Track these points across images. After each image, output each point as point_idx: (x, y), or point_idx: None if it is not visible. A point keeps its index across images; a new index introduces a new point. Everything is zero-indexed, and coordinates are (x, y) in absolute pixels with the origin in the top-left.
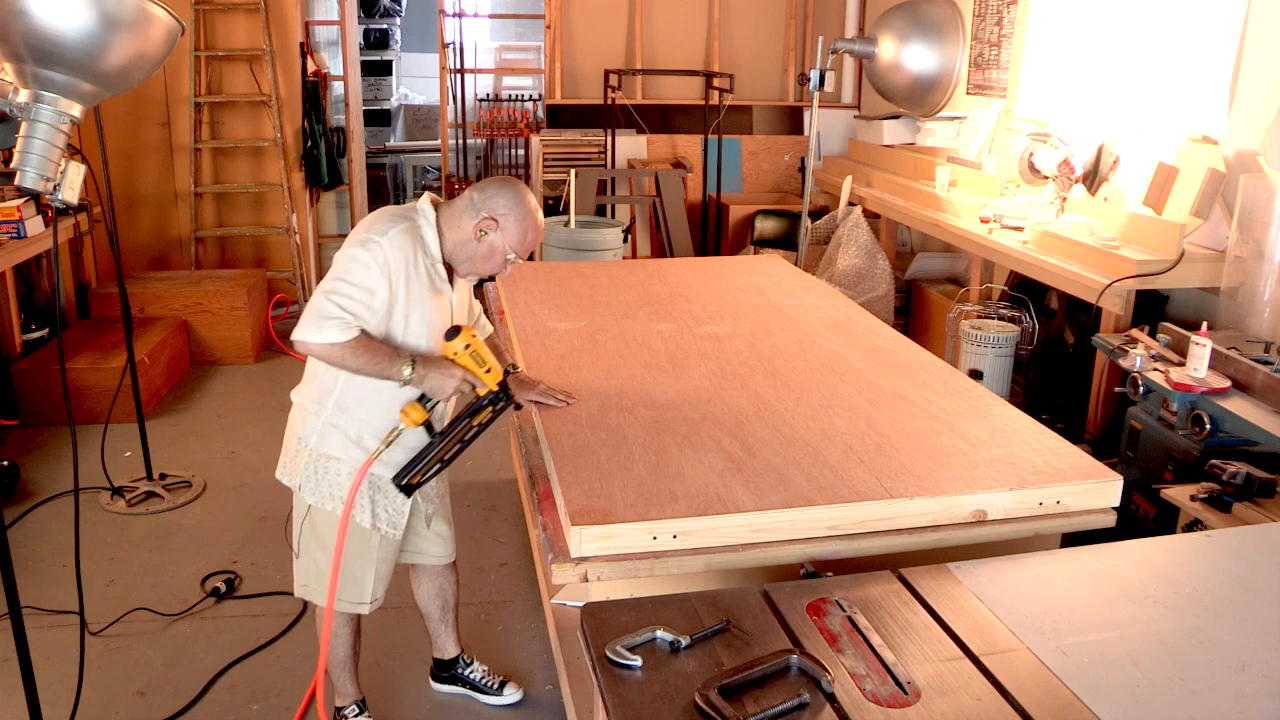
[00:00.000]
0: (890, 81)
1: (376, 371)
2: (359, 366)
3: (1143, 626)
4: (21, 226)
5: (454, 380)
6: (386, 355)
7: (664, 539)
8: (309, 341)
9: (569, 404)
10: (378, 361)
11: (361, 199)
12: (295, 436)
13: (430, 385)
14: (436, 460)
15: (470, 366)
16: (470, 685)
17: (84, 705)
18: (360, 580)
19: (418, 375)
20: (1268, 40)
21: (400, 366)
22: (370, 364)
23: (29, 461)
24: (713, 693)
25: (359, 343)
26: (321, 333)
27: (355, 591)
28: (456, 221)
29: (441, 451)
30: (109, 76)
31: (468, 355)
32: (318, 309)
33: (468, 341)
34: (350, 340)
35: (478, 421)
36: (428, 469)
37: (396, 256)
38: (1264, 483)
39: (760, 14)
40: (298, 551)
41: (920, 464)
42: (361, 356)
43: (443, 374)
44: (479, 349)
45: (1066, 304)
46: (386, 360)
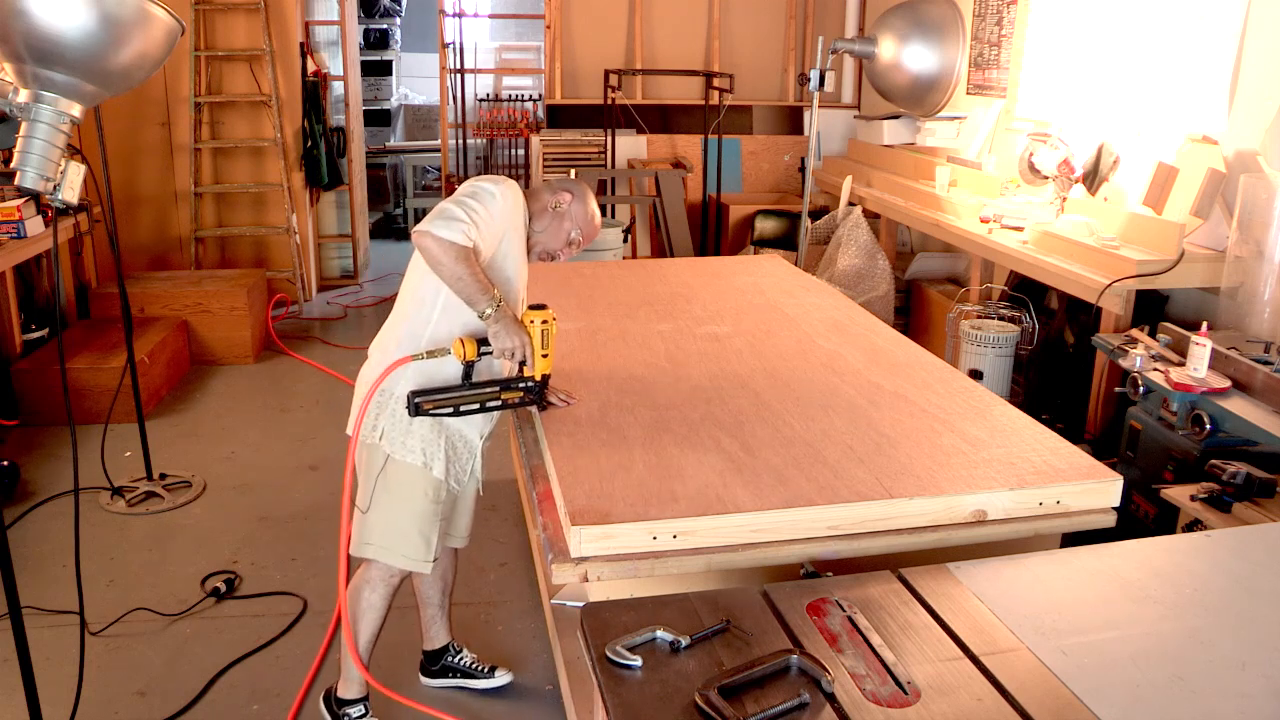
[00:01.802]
0: (890, 81)
1: (469, 289)
2: (459, 274)
3: (1143, 626)
4: (21, 226)
5: (517, 340)
6: (484, 281)
7: (664, 539)
8: (433, 233)
9: (569, 404)
10: (476, 280)
11: (361, 199)
12: (370, 387)
13: (497, 330)
14: (451, 404)
15: (535, 341)
16: (461, 673)
17: (84, 705)
18: (427, 535)
19: (497, 314)
20: (1268, 40)
21: (489, 298)
22: (469, 278)
23: (29, 461)
24: (713, 693)
25: (470, 254)
26: (448, 230)
27: (421, 546)
28: (536, 197)
29: (460, 399)
30: (109, 76)
31: (539, 330)
32: (447, 211)
33: (546, 319)
34: (465, 246)
35: (505, 397)
36: (440, 405)
37: (514, 202)
38: (1264, 483)
39: (760, 14)
40: (367, 505)
41: (920, 464)
42: (466, 267)
43: (514, 329)
44: (550, 333)
45: (1066, 304)
46: (482, 284)
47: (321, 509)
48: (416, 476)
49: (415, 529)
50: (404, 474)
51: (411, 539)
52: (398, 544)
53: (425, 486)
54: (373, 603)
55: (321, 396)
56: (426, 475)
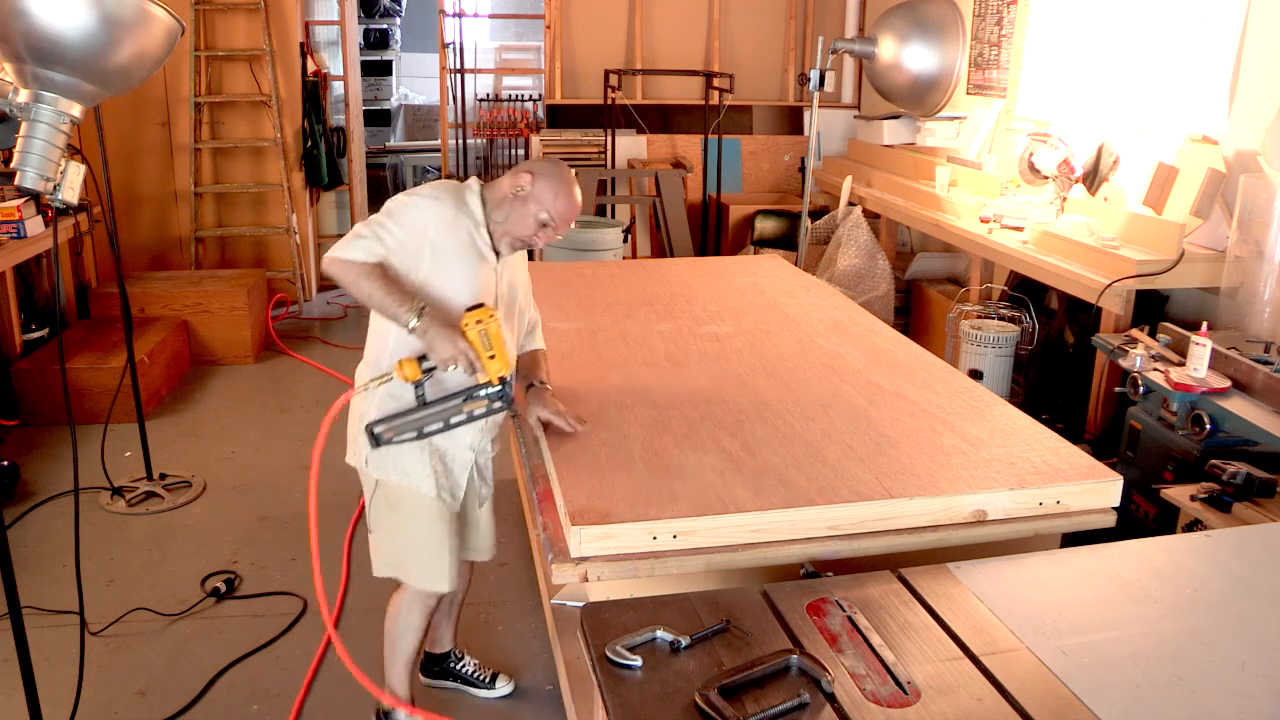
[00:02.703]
0: (890, 81)
1: (386, 306)
2: (370, 294)
3: (1143, 626)
4: (21, 226)
5: (452, 347)
6: (400, 293)
7: (664, 539)
8: (334, 256)
9: (578, 431)
10: (389, 294)
11: (361, 199)
12: (357, 415)
13: (430, 342)
14: (413, 427)
15: (476, 344)
16: (462, 679)
17: (84, 705)
18: (437, 555)
19: (422, 325)
20: (1268, 40)
21: (408, 310)
22: (381, 294)
23: (29, 461)
24: (713, 693)
25: (378, 270)
26: (346, 250)
27: (434, 569)
28: (497, 185)
29: (420, 421)
30: (109, 76)
31: (476, 331)
32: (351, 232)
33: (481, 319)
34: (370, 263)
35: (468, 409)
36: (401, 430)
37: (437, 208)
38: (1264, 483)
39: (760, 14)
40: (372, 526)
41: (920, 464)
42: (375, 284)
43: (445, 336)
44: (491, 332)
45: (1066, 304)
46: (398, 296)
47: (321, 509)
48: (406, 496)
49: (419, 548)
50: (395, 495)
51: (419, 559)
52: (407, 564)
53: (417, 505)
54: (412, 623)
55: (321, 396)
56: (415, 494)
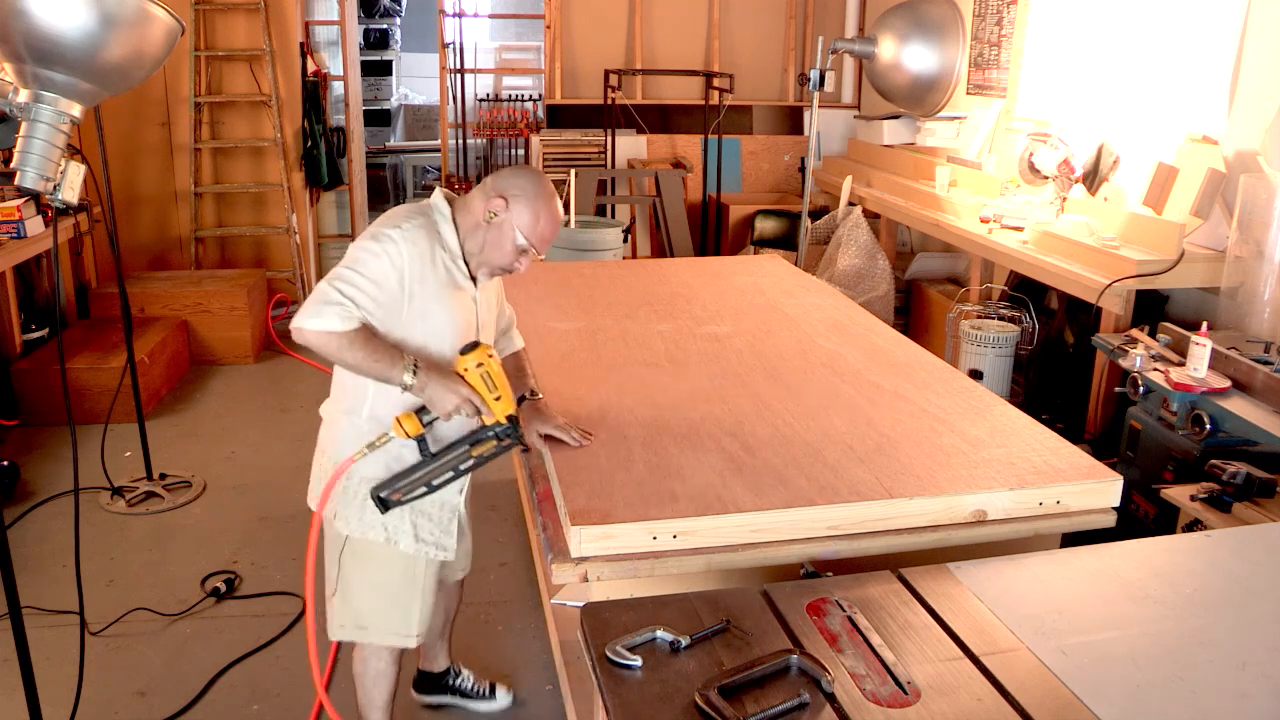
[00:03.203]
0: (890, 81)
1: (376, 371)
2: (357, 362)
3: (1143, 626)
4: (21, 226)
5: (455, 397)
6: (388, 354)
7: (664, 539)
8: (306, 328)
9: (584, 444)
10: (377, 359)
11: (361, 199)
12: (328, 458)
13: (430, 396)
14: (422, 482)
15: (479, 388)
16: (460, 694)
17: (84, 705)
18: (406, 609)
19: (419, 382)
20: (1268, 40)
21: (401, 368)
22: (369, 360)
23: (29, 461)
24: (713, 693)
25: (359, 335)
26: (321, 319)
27: (401, 622)
28: (468, 208)
29: (429, 475)
30: (109, 76)
31: (478, 374)
32: (319, 295)
33: (480, 360)
34: (350, 331)
35: (477, 453)
36: (411, 488)
37: (410, 250)
38: (1264, 483)
39: (760, 14)
40: (333, 588)
41: (920, 464)
42: (360, 351)
43: (446, 387)
44: (493, 371)
45: (1066, 304)
46: (387, 359)
47: None
48: (381, 553)
49: (392, 608)
50: (368, 551)
51: (388, 618)
52: (375, 625)
53: (392, 562)
54: (381, 670)
55: (321, 397)
56: (393, 551)
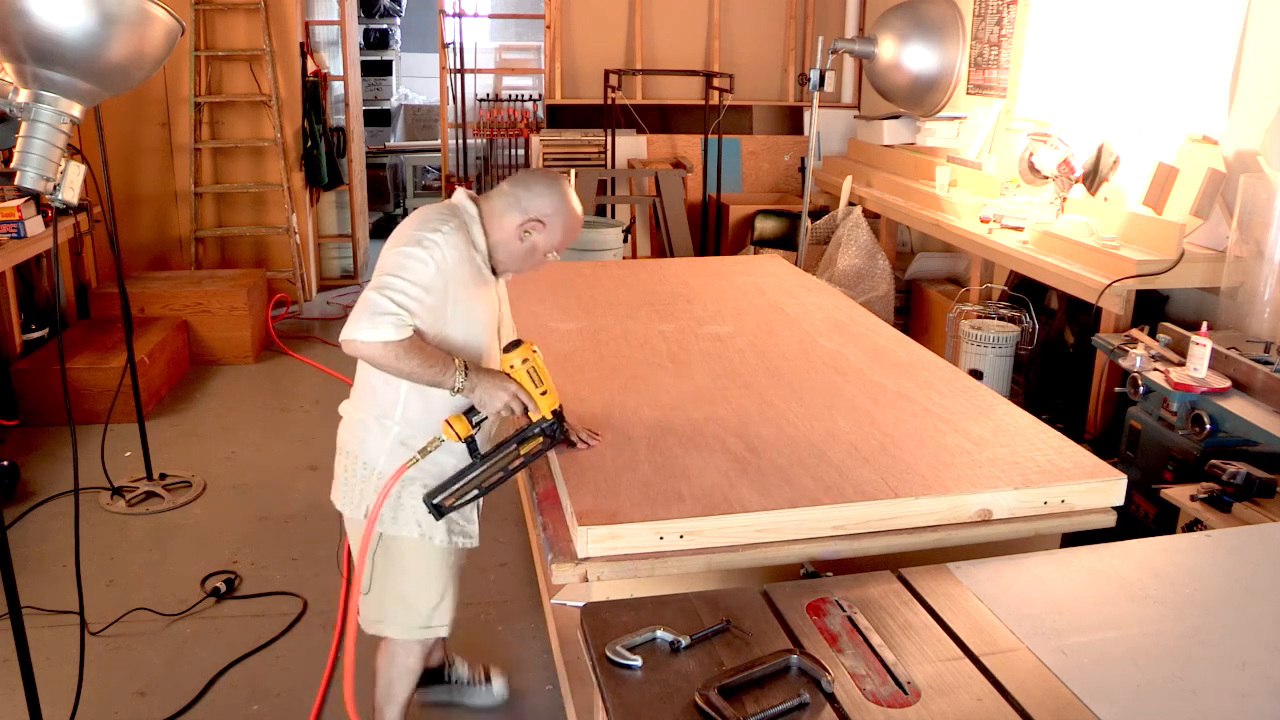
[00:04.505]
0: (890, 81)
1: (429, 377)
2: (410, 370)
3: (1143, 626)
4: (21, 226)
5: (505, 395)
6: (440, 359)
7: (670, 539)
8: (361, 340)
9: (592, 445)
10: (430, 365)
11: (361, 199)
12: (358, 461)
13: (480, 396)
14: (474, 485)
15: (526, 384)
16: (457, 686)
17: (84, 705)
18: (440, 600)
19: (470, 384)
20: (1268, 40)
21: (453, 372)
22: (423, 368)
23: (29, 461)
24: (713, 693)
25: (413, 344)
26: (377, 330)
27: (435, 613)
28: (499, 220)
29: (481, 477)
30: (109, 76)
31: (524, 371)
32: (371, 304)
33: (526, 356)
34: (405, 340)
35: (525, 451)
36: (463, 492)
37: (453, 254)
38: (1264, 483)
39: (760, 14)
40: (368, 586)
41: (925, 463)
42: (414, 359)
43: (495, 385)
44: (538, 366)
45: (1066, 304)
46: (440, 365)
47: (321, 509)
48: (416, 549)
49: (425, 598)
50: (402, 548)
51: (423, 609)
52: (408, 617)
53: (428, 557)
54: (410, 666)
55: (322, 396)
56: (429, 546)
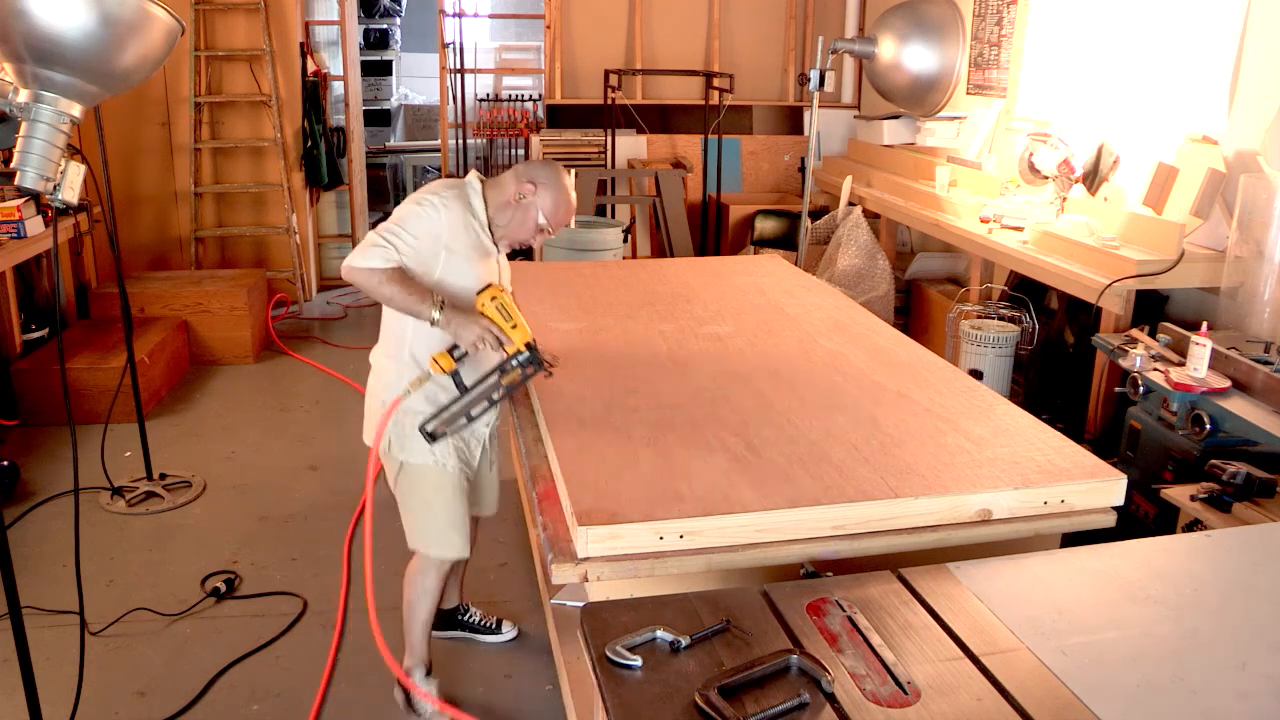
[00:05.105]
0: (890, 81)
1: (408, 305)
2: (391, 296)
3: (1143, 626)
4: (21, 226)
5: (476, 328)
6: (418, 292)
7: (670, 539)
8: (353, 265)
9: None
10: (409, 294)
11: (361, 199)
12: (376, 397)
13: (455, 329)
14: (462, 413)
15: (496, 319)
16: (470, 629)
17: (84, 705)
18: (458, 524)
19: (445, 317)
20: (1268, 40)
21: (429, 305)
22: (402, 295)
23: (29, 461)
24: (713, 693)
25: (396, 274)
26: (365, 259)
27: (453, 540)
28: (500, 188)
29: (467, 406)
30: (109, 76)
31: (494, 307)
32: (367, 240)
33: (494, 295)
34: (388, 269)
35: (506, 381)
36: (453, 419)
37: (447, 214)
38: (1264, 483)
39: (760, 14)
40: (403, 509)
41: (925, 463)
42: (395, 286)
43: (468, 320)
44: (506, 303)
45: (1066, 304)
46: (418, 295)
47: (321, 509)
48: (431, 474)
49: (445, 522)
50: (421, 474)
51: (445, 531)
52: (433, 538)
53: (442, 482)
54: (427, 587)
55: (322, 396)
56: (441, 471)
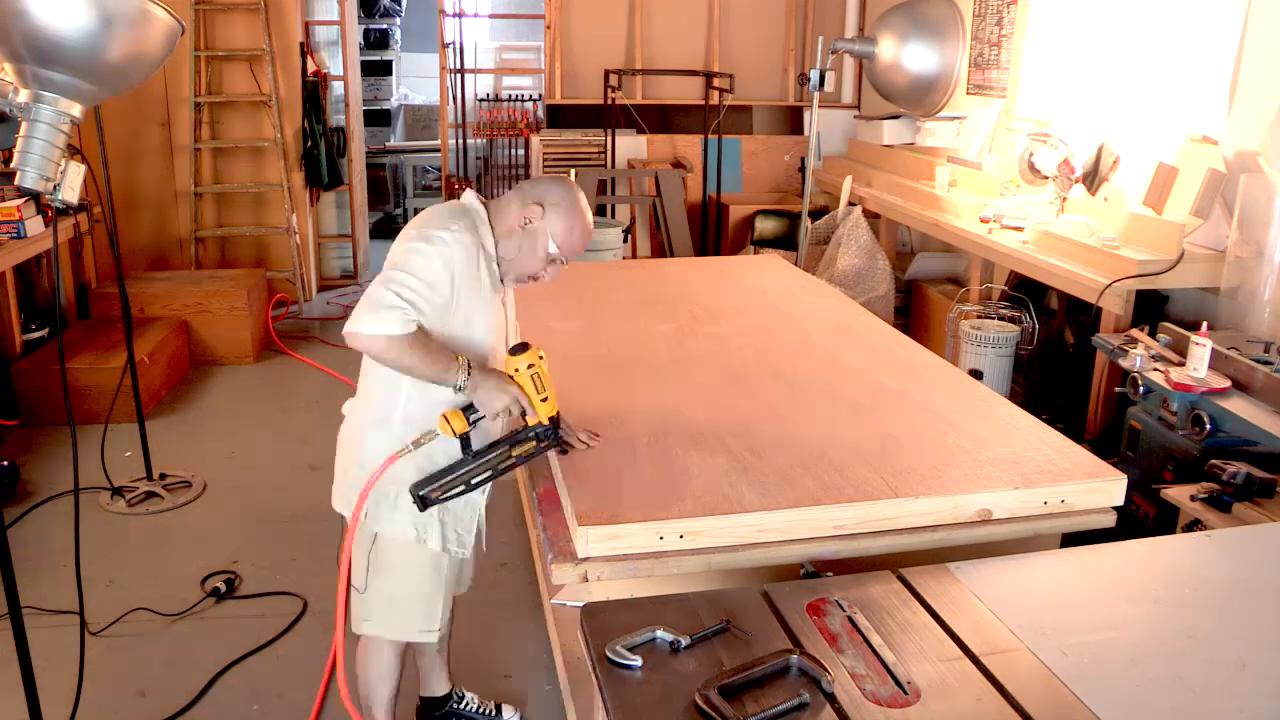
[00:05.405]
0: (890, 81)
1: (432, 374)
2: (412, 365)
3: (1143, 626)
4: (21, 226)
5: (506, 398)
6: (444, 356)
7: (670, 539)
8: (363, 333)
9: (593, 446)
10: (434, 362)
11: (361, 199)
12: (355, 461)
13: (481, 397)
14: (462, 481)
15: (528, 390)
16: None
17: (84, 705)
18: (431, 605)
19: (472, 383)
20: (1268, 40)
21: (456, 370)
22: (425, 363)
23: (29, 461)
24: (713, 693)
25: (417, 339)
26: (379, 324)
27: (425, 620)
28: (504, 212)
29: (470, 473)
30: (109, 76)
31: (528, 376)
32: (375, 299)
33: (532, 361)
34: (409, 335)
35: (517, 453)
36: (450, 486)
37: (460, 253)
38: (1264, 483)
39: (760, 14)
40: (363, 585)
41: (925, 463)
42: (417, 354)
43: (497, 388)
44: (542, 373)
45: (1066, 304)
46: (443, 362)
47: (321, 509)
48: (410, 552)
49: (417, 605)
50: (396, 551)
51: (413, 614)
52: (399, 620)
53: (421, 560)
54: (384, 669)
55: (322, 396)
56: (421, 549)
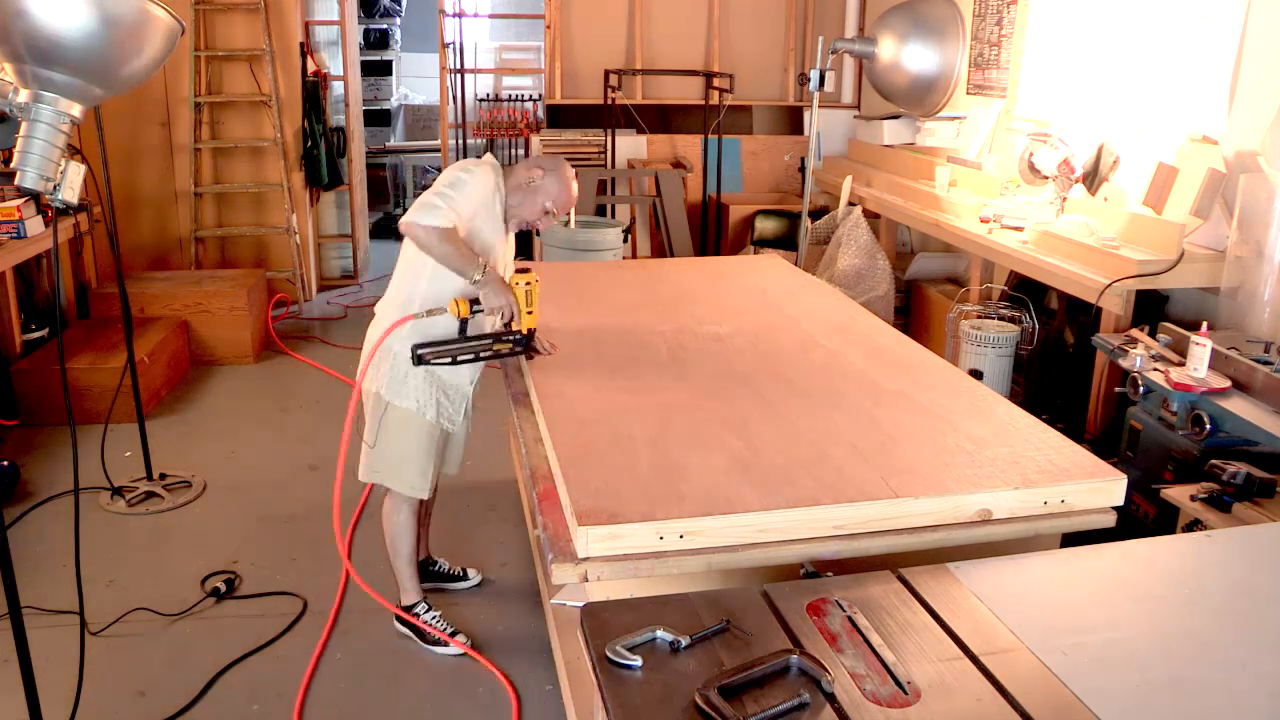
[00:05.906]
0: (890, 81)
1: (458, 263)
2: (447, 254)
3: (1143, 626)
4: (21, 226)
5: (503, 299)
6: (469, 252)
7: (670, 539)
8: (418, 222)
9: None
10: (461, 254)
11: (361, 199)
12: (381, 346)
13: (486, 292)
14: (450, 354)
15: (520, 300)
16: (439, 578)
17: (84, 705)
18: (424, 468)
19: (485, 278)
20: (1268, 40)
21: (476, 266)
22: (455, 254)
23: (29, 461)
24: (713, 693)
25: (453, 233)
26: (430, 217)
27: (418, 477)
28: (514, 174)
29: (458, 350)
30: (109, 76)
31: (524, 291)
32: (427, 201)
33: (529, 281)
34: (448, 228)
35: (497, 348)
36: (441, 355)
37: (482, 186)
38: (1264, 483)
39: (760, 14)
40: (373, 441)
41: (925, 463)
42: (450, 245)
43: (501, 289)
44: (534, 292)
45: (1066, 304)
46: (469, 255)
47: (322, 509)
48: (412, 420)
49: (412, 463)
50: (401, 418)
51: (410, 472)
52: (398, 475)
53: (419, 428)
54: (404, 522)
55: (321, 396)
56: (420, 419)
